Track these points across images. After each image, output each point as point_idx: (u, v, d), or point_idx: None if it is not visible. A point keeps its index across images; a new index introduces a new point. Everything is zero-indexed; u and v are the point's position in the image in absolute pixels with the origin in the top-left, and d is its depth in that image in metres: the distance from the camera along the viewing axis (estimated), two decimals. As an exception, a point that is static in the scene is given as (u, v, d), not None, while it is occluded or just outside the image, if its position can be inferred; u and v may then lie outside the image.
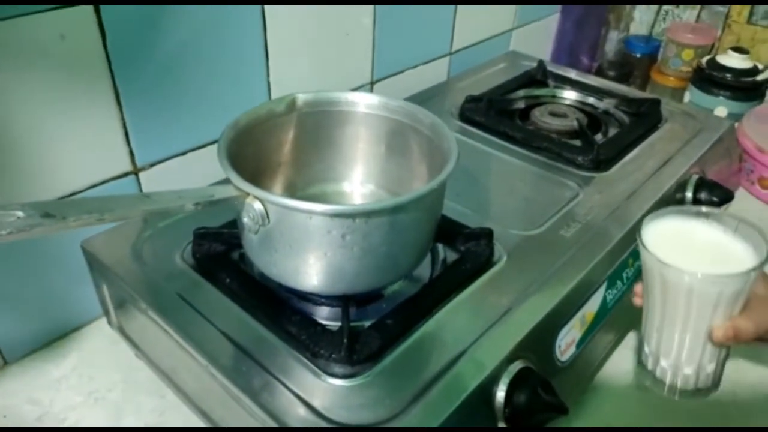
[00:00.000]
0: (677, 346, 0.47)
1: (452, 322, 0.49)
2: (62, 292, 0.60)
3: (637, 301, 0.51)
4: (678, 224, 0.48)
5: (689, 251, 0.47)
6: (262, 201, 0.43)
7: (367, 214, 0.43)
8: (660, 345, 0.48)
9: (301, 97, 0.54)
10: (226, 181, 0.45)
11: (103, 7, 0.51)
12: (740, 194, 0.85)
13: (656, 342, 0.49)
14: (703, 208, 0.48)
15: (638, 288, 0.50)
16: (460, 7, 0.88)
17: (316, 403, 0.42)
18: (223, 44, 0.62)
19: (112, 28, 0.52)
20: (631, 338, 0.64)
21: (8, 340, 0.58)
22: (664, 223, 0.48)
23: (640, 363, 0.51)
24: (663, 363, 0.49)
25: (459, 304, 0.51)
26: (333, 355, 0.45)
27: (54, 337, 0.61)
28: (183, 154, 0.63)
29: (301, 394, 0.43)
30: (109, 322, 0.60)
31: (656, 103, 0.83)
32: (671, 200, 0.68)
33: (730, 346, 0.48)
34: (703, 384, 0.48)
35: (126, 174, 0.59)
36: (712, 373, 0.48)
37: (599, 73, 1.16)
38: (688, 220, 0.48)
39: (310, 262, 0.45)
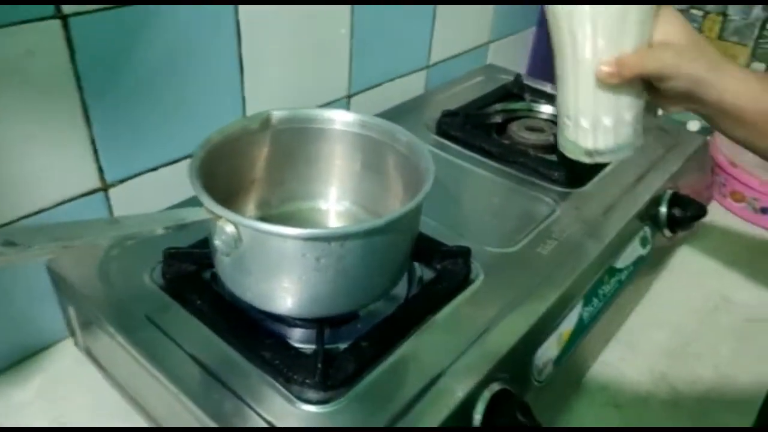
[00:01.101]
0: (573, 96, 0.52)
1: (429, 343, 0.48)
2: (26, 311, 0.57)
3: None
4: None
5: None
6: (234, 224, 0.41)
7: (342, 237, 0.42)
8: (564, 101, 0.54)
9: (276, 114, 0.53)
10: (198, 199, 0.43)
11: (72, 22, 0.49)
12: (713, 208, 0.86)
13: (562, 100, 0.54)
14: None
15: None
16: (437, 20, 0.88)
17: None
18: (198, 58, 0.60)
19: (82, 44, 0.51)
20: (607, 354, 0.64)
21: (-31, 364, 0.56)
22: None
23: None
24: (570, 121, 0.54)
25: (436, 325, 0.50)
26: (307, 381, 0.43)
27: (17, 358, 0.59)
28: (154, 169, 0.62)
29: (274, 422, 0.42)
30: (76, 344, 0.58)
31: (630, 118, 0.83)
32: (646, 216, 0.69)
33: (639, 102, 0.52)
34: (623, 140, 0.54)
35: (95, 191, 0.58)
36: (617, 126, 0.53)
37: (575, 85, 1.17)
38: None
39: (285, 285, 0.44)
